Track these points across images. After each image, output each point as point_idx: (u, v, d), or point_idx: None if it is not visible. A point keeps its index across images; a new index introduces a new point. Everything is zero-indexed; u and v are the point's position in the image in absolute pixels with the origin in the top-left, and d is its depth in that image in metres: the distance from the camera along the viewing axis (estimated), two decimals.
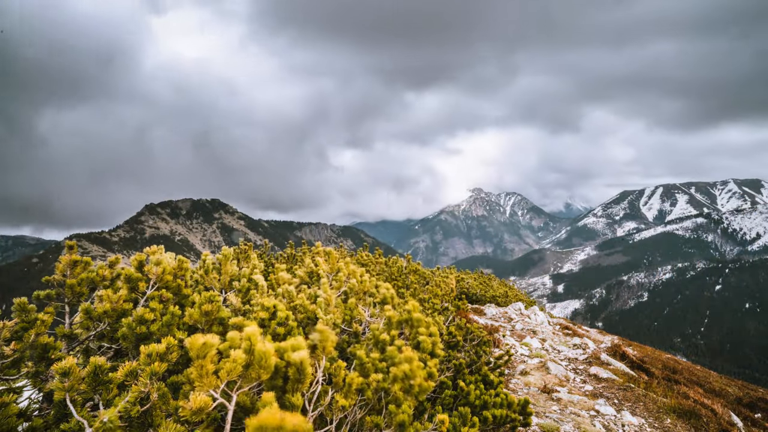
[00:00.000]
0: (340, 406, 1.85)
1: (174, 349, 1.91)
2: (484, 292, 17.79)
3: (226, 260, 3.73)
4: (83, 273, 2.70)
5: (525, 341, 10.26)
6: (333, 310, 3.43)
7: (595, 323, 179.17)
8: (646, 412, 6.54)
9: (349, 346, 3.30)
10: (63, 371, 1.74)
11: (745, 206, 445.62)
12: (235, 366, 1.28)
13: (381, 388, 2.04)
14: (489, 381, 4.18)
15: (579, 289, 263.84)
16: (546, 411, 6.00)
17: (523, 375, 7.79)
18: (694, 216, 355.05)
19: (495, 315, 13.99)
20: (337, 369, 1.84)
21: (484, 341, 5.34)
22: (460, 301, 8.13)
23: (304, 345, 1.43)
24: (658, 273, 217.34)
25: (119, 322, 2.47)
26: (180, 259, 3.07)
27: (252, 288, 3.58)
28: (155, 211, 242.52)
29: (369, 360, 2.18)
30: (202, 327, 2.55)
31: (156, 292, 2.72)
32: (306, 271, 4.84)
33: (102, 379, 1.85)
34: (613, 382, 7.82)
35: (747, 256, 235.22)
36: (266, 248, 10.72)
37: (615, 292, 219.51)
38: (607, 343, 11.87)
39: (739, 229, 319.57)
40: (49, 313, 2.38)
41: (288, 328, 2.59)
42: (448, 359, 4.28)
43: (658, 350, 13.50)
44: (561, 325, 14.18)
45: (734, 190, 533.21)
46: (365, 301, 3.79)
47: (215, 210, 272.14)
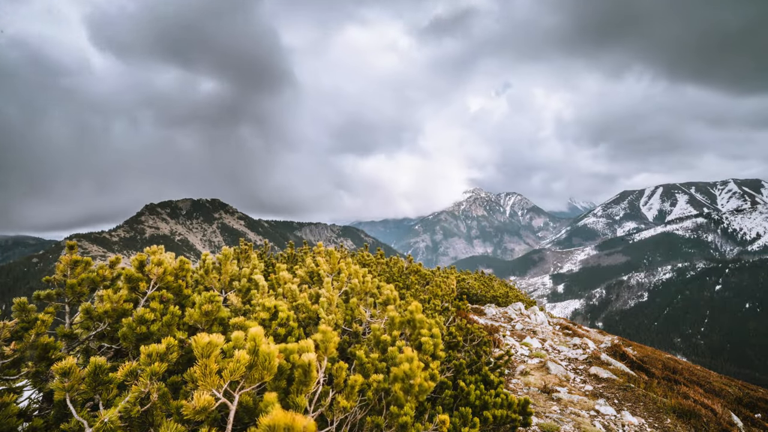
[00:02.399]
0: (341, 407, 1.85)
1: (174, 349, 1.90)
2: (485, 293, 17.78)
3: (226, 260, 3.73)
4: (84, 273, 2.70)
5: (525, 341, 10.26)
6: (335, 310, 3.43)
7: (595, 323, 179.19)
8: (646, 412, 6.54)
9: (349, 346, 3.30)
10: (63, 371, 1.74)
11: (745, 206, 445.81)
12: (239, 366, 1.27)
13: (382, 389, 2.03)
14: (489, 381, 4.18)
15: (579, 289, 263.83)
16: (546, 411, 6.00)
17: (524, 375, 7.79)
18: (694, 216, 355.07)
19: (495, 315, 13.99)
20: (338, 370, 1.83)
21: (485, 341, 5.34)
22: (461, 302, 8.13)
23: (312, 347, 1.43)
24: (658, 273, 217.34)
25: (120, 322, 2.47)
26: (181, 260, 3.07)
27: (252, 288, 3.58)
28: (155, 211, 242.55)
29: (369, 360, 2.18)
30: (202, 327, 2.55)
31: (156, 292, 2.72)
32: (307, 271, 4.84)
33: (102, 379, 1.84)
34: (613, 382, 7.82)
35: (747, 256, 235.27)
36: (266, 248, 10.71)
37: (615, 292, 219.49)
38: (607, 343, 11.87)
39: (739, 229, 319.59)
40: (49, 313, 2.38)
41: (289, 329, 2.59)
42: (448, 359, 4.28)
43: (658, 350, 13.50)
44: (561, 325, 14.18)
45: (734, 190, 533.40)
46: (366, 302, 3.79)
47: (215, 210, 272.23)
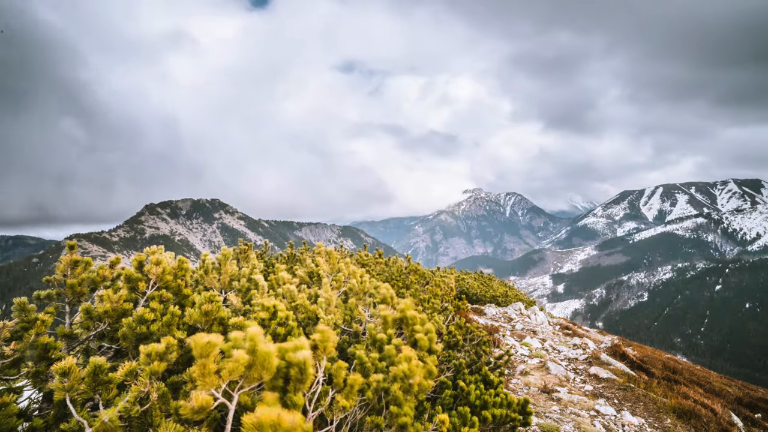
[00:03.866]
0: (341, 407, 1.85)
1: (174, 348, 1.91)
2: (484, 292, 17.78)
3: (225, 260, 3.73)
4: (84, 273, 2.70)
5: (525, 341, 10.26)
6: (334, 310, 3.44)
7: (595, 323, 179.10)
8: (646, 412, 6.55)
9: (349, 346, 3.31)
10: (63, 371, 1.74)
11: (745, 206, 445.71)
12: (238, 366, 1.28)
13: (381, 388, 2.04)
14: (489, 381, 4.18)
15: (579, 289, 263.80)
16: (546, 411, 6.00)
17: (523, 375, 7.79)
18: (694, 216, 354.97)
19: (495, 315, 14.00)
20: (337, 369, 1.84)
21: (484, 341, 5.35)
22: (460, 301, 8.13)
23: (306, 346, 1.43)
24: (658, 273, 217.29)
25: (119, 322, 2.47)
26: (180, 260, 3.07)
27: (252, 288, 3.58)
28: (155, 211, 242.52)
29: (369, 360, 2.19)
30: (202, 327, 2.55)
31: (156, 292, 2.72)
32: (306, 271, 4.85)
33: (102, 379, 1.85)
34: (613, 382, 7.82)
35: (747, 256, 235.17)
36: (266, 248, 10.71)
37: (615, 292, 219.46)
38: (607, 343, 11.87)
39: (739, 229, 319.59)
40: (49, 313, 2.38)
41: (288, 328, 2.60)
42: (448, 359, 4.28)
43: (658, 350, 13.51)
44: (561, 325, 14.18)
45: (734, 190, 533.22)
46: (365, 302, 3.80)
47: (215, 210, 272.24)
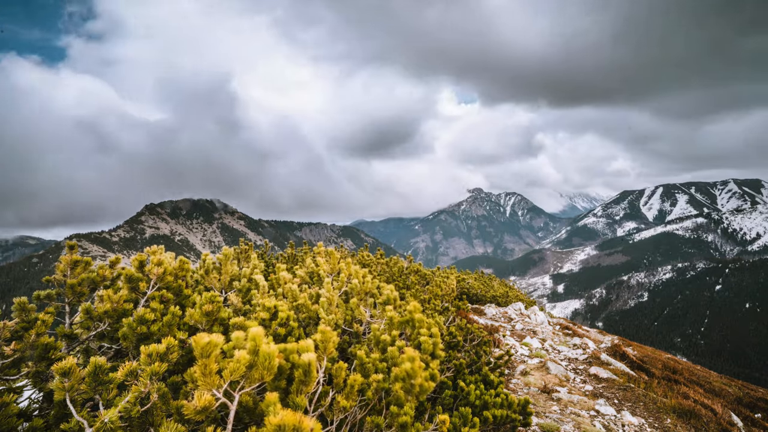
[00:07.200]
0: (341, 407, 1.85)
1: (174, 349, 1.91)
2: (485, 293, 17.78)
3: (226, 260, 3.73)
4: (84, 273, 2.70)
5: (525, 341, 10.26)
6: (335, 310, 3.43)
7: (595, 323, 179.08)
8: (646, 412, 6.54)
9: (350, 346, 3.30)
10: (63, 371, 1.74)
11: (745, 206, 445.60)
12: (239, 366, 1.28)
13: (382, 389, 2.03)
14: (489, 381, 4.18)
15: (579, 289, 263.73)
16: (546, 411, 6.00)
17: (524, 375, 7.79)
18: (694, 216, 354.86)
19: (495, 315, 13.99)
20: (338, 370, 1.83)
21: (485, 341, 5.34)
22: (461, 302, 8.13)
23: (312, 347, 1.43)
24: (658, 273, 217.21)
25: (120, 322, 2.47)
26: (181, 260, 3.07)
27: (253, 288, 3.58)
28: (155, 211, 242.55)
29: (370, 360, 2.18)
30: (202, 327, 2.55)
31: (157, 292, 2.72)
32: (307, 271, 4.85)
33: (102, 379, 1.84)
34: (613, 382, 7.82)
35: (747, 256, 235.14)
36: (266, 248, 10.71)
37: (615, 292, 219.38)
38: (607, 343, 11.87)
39: (739, 229, 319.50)
40: (49, 313, 2.38)
41: (289, 329, 2.59)
42: (448, 359, 4.28)
43: (658, 350, 13.50)
44: (561, 325, 14.18)
45: (734, 190, 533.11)
46: (366, 302, 3.79)
47: (215, 210, 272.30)
